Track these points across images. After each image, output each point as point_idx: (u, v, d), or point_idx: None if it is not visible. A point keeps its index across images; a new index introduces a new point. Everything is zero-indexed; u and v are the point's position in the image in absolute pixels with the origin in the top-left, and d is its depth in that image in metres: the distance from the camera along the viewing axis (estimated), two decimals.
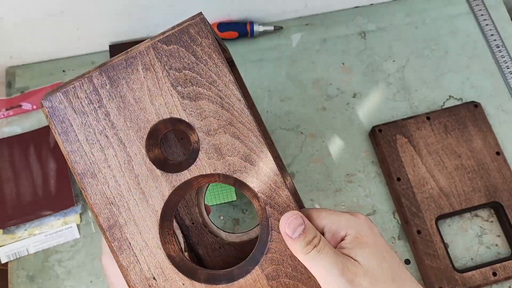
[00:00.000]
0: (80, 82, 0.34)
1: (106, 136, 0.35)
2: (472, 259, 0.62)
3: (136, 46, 0.34)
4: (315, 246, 0.33)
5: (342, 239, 0.35)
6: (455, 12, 0.79)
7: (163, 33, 0.34)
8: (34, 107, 0.72)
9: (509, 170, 0.65)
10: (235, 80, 0.35)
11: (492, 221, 0.64)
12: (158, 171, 0.35)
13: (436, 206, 0.63)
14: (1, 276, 0.65)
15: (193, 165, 0.35)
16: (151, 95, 0.34)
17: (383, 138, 0.67)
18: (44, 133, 0.69)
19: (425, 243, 0.61)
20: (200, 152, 0.35)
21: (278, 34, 0.77)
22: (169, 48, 0.33)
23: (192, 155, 0.36)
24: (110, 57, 0.74)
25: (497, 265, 0.60)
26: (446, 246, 0.61)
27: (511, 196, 0.63)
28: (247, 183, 0.36)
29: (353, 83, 0.73)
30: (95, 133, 0.34)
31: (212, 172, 0.36)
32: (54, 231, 0.64)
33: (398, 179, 0.64)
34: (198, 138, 0.35)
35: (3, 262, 0.63)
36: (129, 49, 0.35)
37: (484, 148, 0.66)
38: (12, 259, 0.63)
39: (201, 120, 0.35)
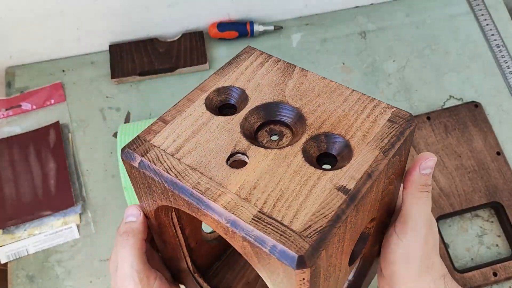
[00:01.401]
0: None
1: None
2: (472, 259, 0.62)
3: (372, 166, 0.29)
4: (428, 191, 0.35)
5: None
6: (455, 12, 0.78)
7: (391, 144, 0.30)
8: (34, 107, 0.72)
9: (510, 170, 0.65)
10: None
11: (492, 221, 0.64)
12: None
13: (436, 206, 0.62)
14: (1, 276, 0.65)
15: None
16: None
17: None
18: (44, 133, 0.69)
19: None
20: None
21: (278, 34, 0.77)
22: (394, 159, 0.31)
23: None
24: (110, 57, 0.74)
25: (498, 265, 0.60)
26: (446, 246, 0.61)
27: None
28: None
29: (353, 83, 0.73)
30: None
31: None
32: (54, 231, 0.64)
33: None
34: None
35: (3, 262, 0.63)
36: (369, 170, 0.29)
37: (485, 148, 0.66)
38: (12, 259, 0.63)
39: None
